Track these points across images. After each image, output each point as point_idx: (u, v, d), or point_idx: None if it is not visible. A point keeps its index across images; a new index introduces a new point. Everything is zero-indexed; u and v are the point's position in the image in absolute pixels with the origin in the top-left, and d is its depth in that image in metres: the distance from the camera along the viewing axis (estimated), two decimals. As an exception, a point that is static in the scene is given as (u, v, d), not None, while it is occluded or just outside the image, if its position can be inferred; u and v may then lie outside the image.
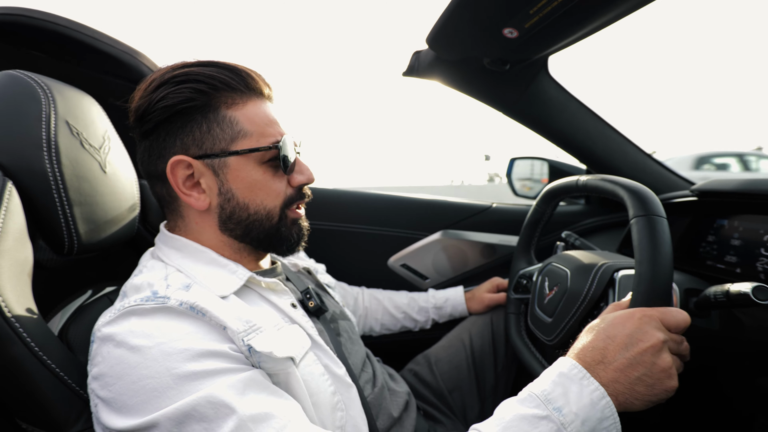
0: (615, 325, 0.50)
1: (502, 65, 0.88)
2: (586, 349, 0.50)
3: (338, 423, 0.57)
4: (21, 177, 0.58)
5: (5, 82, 0.62)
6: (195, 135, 0.58)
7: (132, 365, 0.44)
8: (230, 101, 0.59)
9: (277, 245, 0.66)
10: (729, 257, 0.87)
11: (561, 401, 0.46)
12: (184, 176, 0.59)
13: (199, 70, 0.58)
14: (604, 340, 0.49)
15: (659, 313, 0.51)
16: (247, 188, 0.60)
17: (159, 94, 0.57)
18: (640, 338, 0.48)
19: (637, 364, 0.47)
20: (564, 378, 0.47)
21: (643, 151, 1.18)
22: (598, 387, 0.46)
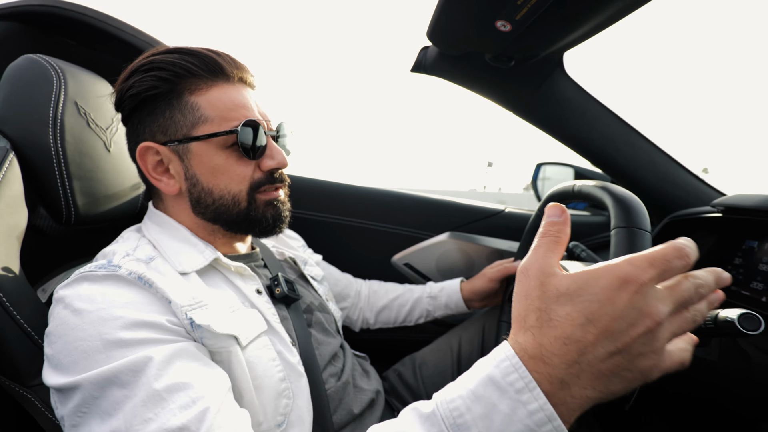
0: (599, 301, 0.31)
1: (506, 61, 0.84)
2: (550, 340, 0.32)
3: (282, 410, 0.57)
4: (26, 149, 0.65)
5: (24, 65, 0.69)
6: (160, 122, 0.61)
7: (71, 326, 0.47)
8: (193, 87, 0.60)
9: (248, 228, 0.66)
10: (756, 284, 0.77)
11: (476, 428, 0.32)
12: (154, 162, 0.62)
13: (164, 57, 0.60)
14: (583, 326, 0.31)
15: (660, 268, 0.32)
16: (210, 173, 0.61)
17: (129, 83, 0.60)
18: (633, 321, 0.31)
19: (621, 355, 0.31)
20: (492, 389, 0.32)
21: (675, 161, 1.07)
22: (544, 405, 0.31)
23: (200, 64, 0.60)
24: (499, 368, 0.33)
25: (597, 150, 1.06)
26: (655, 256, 0.32)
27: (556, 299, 0.33)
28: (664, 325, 0.32)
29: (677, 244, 0.32)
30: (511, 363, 0.33)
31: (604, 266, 0.33)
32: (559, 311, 0.32)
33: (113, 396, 0.43)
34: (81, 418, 0.44)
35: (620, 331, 0.31)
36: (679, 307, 0.33)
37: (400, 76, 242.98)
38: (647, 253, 0.32)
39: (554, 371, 0.32)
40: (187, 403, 0.43)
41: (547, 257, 0.35)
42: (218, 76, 0.61)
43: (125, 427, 0.42)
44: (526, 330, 0.34)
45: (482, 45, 0.80)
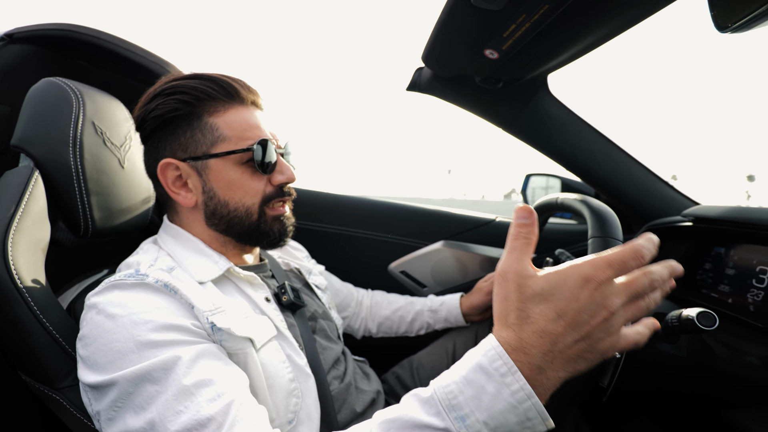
0: (566, 299, 0.38)
1: (495, 83, 0.91)
2: (528, 334, 0.38)
3: (292, 408, 0.62)
4: (48, 168, 0.69)
5: (45, 88, 0.73)
6: (181, 140, 0.66)
7: (106, 330, 0.51)
8: (212, 109, 0.66)
9: (257, 240, 0.71)
10: (723, 286, 0.84)
11: (468, 407, 0.38)
12: (174, 177, 0.67)
13: (185, 82, 0.66)
14: (555, 320, 0.38)
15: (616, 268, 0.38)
16: (227, 187, 0.67)
17: (152, 106, 0.66)
18: (593, 313, 0.38)
19: (585, 341, 0.38)
20: (480, 374, 0.38)
21: (652, 173, 1.15)
22: (524, 386, 0.37)
23: (218, 88, 0.66)
24: (486, 357, 0.39)
25: (580, 164, 1.13)
26: (613, 259, 0.39)
27: (532, 299, 0.39)
28: (618, 314, 0.39)
29: (635, 247, 0.39)
30: (496, 352, 0.39)
31: (570, 267, 0.39)
32: (535, 309, 0.39)
33: (146, 391, 0.48)
34: (116, 412, 0.49)
35: (583, 322, 0.38)
36: (633, 299, 0.40)
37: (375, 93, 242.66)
38: (607, 255, 0.39)
39: (533, 360, 0.38)
40: (213, 397, 0.48)
41: (522, 260, 0.41)
42: (234, 99, 0.67)
43: (159, 418, 0.46)
44: (507, 327, 0.40)
45: (472, 69, 0.87)
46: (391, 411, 0.43)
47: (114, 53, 0.93)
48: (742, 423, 0.64)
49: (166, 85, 0.66)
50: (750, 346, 0.67)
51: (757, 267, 0.76)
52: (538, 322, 0.39)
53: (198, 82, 0.66)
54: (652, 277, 0.40)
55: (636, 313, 0.40)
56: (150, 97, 0.67)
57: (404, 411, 0.41)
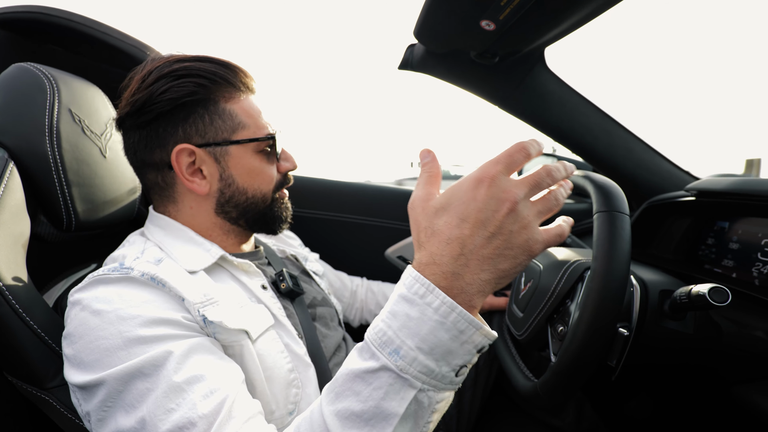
0: (465, 202, 0.38)
1: (491, 58, 0.88)
2: (436, 246, 0.38)
3: (292, 399, 0.60)
4: (24, 159, 0.65)
5: (16, 74, 0.69)
6: (198, 126, 0.63)
7: (91, 327, 0.49)
8: (227, 95, 0.65)
9: (269, 224, 0.72)
10: (726, 261, 0.82)
11: (398, 339, 0.37)
12: (187, 163, 0.64)
13: (200, 65, 0.63)
14: (459, 225, 0.37)
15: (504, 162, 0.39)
16: (247, 174, 0.67)
17: (160, 87, 0.61)
18: (495, 207, 0.37)
19: (496, 237, 0.37)
20: (403, 303, 0.38)
21: (651, 148, 1.13)
22: (444, 299, 0.36)
23: (233, 75, 0.65)
24: (405, 285, 0.39)
25: (577, 139, 1.11)
26: (500, 155, 0.40)
27: (435, 214, 0.40)
28: (523, 203, 0.38)
29: (520, 142, 0.40)
30: (413, 277, 0.39)
31: (464, 177, 0.41)
32: (439, 222, 0.39)
33: (136, 389, 0.46)
34: (106, 412, 0.47)
35: (488, 219, 0.38)
36: (535, 189, 0.40)
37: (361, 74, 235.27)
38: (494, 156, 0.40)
39: (445, 268, 0.38)
40: (206, 394, 0.46)
41: (425, 189, 0.43)
42: (245, 86, 0.67)
43: (150, 417, 0.44)
44: (420, 248, 0.40)
45: (467, 43, 0.83)
46: (341, 369, 0.42)
47: (88, 36, 0.88)
48: (749, 397, 0.64)
49: (175, 65, 0.62)
50: (756, 321, 0.66)
51: (762, 240, 0.74)
52: (443, 232, 0.38)
53: (213, 66, 0.63)
54: (547, 168, 0.41)
55: (546, 204, 0.41)
56: (155, 77, 0.61)
57: (344, 367, 0.41)
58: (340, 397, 0.39)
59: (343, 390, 0.39)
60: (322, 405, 0.40)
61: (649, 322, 0.63)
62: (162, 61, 0.64)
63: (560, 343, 0.66)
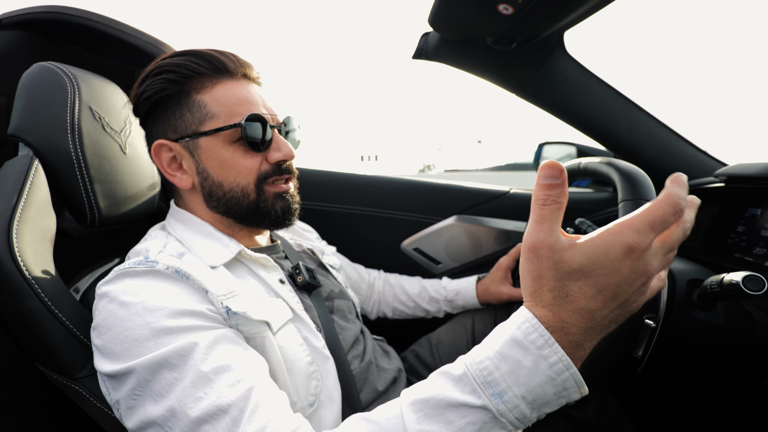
0: (608, 273, 0.35)
1: (508, 44, 0.85)
2: (568, 313, 0.36)
3: (312, 391, 0.60)
4: (48, 156, 0.67)
5: (37, 73, 0.70)
6: (171, 121, 0.64)
7: (119, 318, 0.50)
8: (200, 86, 0.63)
9: (258, 220, 0.68)
10: (758, 249, 0.79)
11: (505, 383, 0.36)
12: (168, 158, 0.66)
13: (171, 60, 0.63)
14: (594, 296, 0.35)
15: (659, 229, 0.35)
16: (219, 166, 0.64)
17: (142, 88, 0.64)
18: (633, 281, 0.36)
19: (621, 308, 0.37)
20: (516, 348, 0.36)
21: (676, 134, 1.09)
22: (563, 357, 0.35)
23: (204, 63, 0.63)
24: (520, 330, 0.37)
25: (597, 126, 1.08)
26: (655, 218, 0.35)
27: (569, 275, 0.36)
28: (654, 274, 0.37)
29: (673, 201, 0.35)
30: (531, 324, 0.37)
31: (612, 235, 0.35)
32: (573, 286, 0.36)
33: (165, 379, 0.47)
34: (135, 401, 0.48)
35: (622, 292, 0.36)
36: (667, 254, 0.38)
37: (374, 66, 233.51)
38: (648, 215, 0.35)
39: (573, 338, 0.36)
40: (233, 383, 0.47)
41: (554, 232, 0.36)
42: (222, 73, 0.64)
43: (179, 405, 0.45)
44: (543, 306, 0.37)
45: (484, 28, 0.81)
46: (420, 390, 0.41)
47: (106, 34, 0.89)
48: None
49: (154, 65, 0.64)
50: None
51: (797, 226, 0.71)
52: (577, 300, 0.36)
53: (183, 59, 0.63)
54: (685, 227, 0.38)
55: (665, 264, 0.38)
56: (141, 79, 0.64)
57: (436, 390, 0.39)
58: (430, 419, 0.38)
59: (434, 414, 0.38)
60: (406, 420, 0.39)
61: (677, 313, 0.61)
62: (153, 62, 0.66)
63: None
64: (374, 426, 0.41)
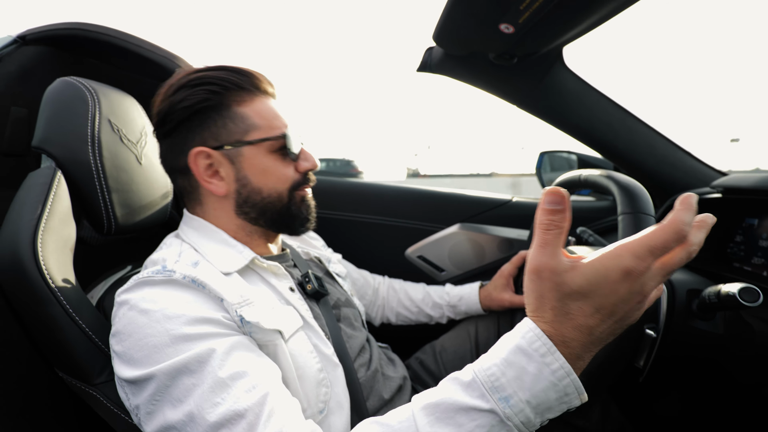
0: (606, 295, 0.38)
1: (509, 59, 0.88)
2: (568, 329, 0.39)
3: (322, 398, 0.62)
4: (69, 167, 0.70)
5: (61, 88, 0.73)
6: (212, 130, 0.67)
7: (139, 325, 0.52)
8: (239, 99, 0.67)
9: (288, 223, 0.74)
10: (757, 259, 0.81)
11: (511, 388, 0.39)
12: (205, 165, 0.68)
13: (212, 73, 0.67)
14: (592, 315, 0.38)
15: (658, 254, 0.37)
16: (260, 173, 0.68)
17: (178, 97, 0.66)
18: (630, 300, 0.38)
19: (618, 322, 0.39)
20: (521, 355, 0.39)
21: (674, 144, 1.11)
22: (564, 364, 0.38)
23: (245, 79, 0.68)
24: (525, 339, 0.40)
25: (598, 137, 1.10)
26: (656, 244, 0.36)
27: (570, 296, 0.39)
28: (650, 293, 0.39)
29: (676, 227, 0.36)
30: (535, 334, 0.40)
31: (610, 259, 0.38)
32: (573, 306, 0.39)
33: (183, 384, 0.49)
34: (155, 406, 0.50)
35: (619, 310, 0.39)
36: (667, 275, 0.39)
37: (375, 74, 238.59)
38: (649, 240, 0.36)
39: (573, 351, 0.39)
40: (248, 388, 0.49)
41: (555, 255, 0.39)
42: (258, 90, 0.70)
43: (197, 410, 0.47)
44: (544, 322, 0.40)
45: (486, 45, 0.84)
46: (431, 395, 0.43)
47: (123, 49, 0.93)
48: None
49: (190, 76, 0.67)
50: None
51: (794, 237, 0.73)
52: (577, 318, 0.39)
53: (225, 73, 0.67)
54: (690, 250, 0.38)
55: (664, 280, 0.39)
56: (174, 89, 0.66)
57: (446, 395, 0.42)
58: (441, 422, 0.40)
59: (445, 417, 0.40)
60: (418, 423, 0.41)
61: (677, 323, 0.63)
62: (182, 73, 0.69)
63: None
64: (387, 429, 0.43)
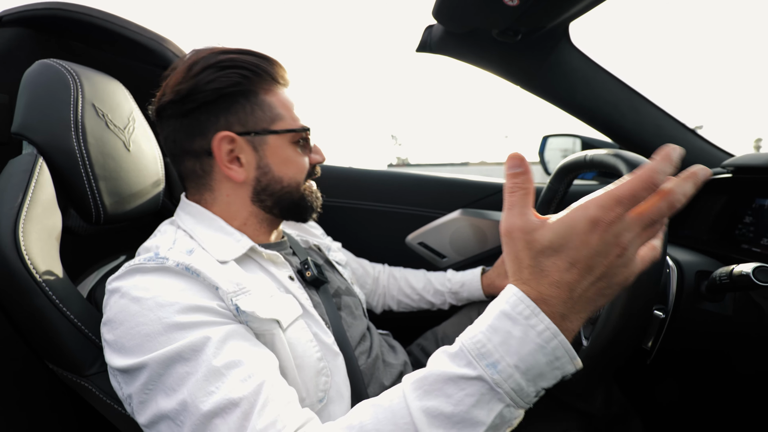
0: (576, 247, 0.37)
1: (513, 36, 0.84)
2: (545, 287, 0.38)
3: (322, 387, 0.61)
4: (52, 154, 0.67)
5: (40, 71, 0.70)
6: (239, 115, 0.65)
7: (131, 313, 0.50)
8: (266, 88, 0.67)
9: (302, 212, 0.75)
10: (766, 240, 0.79)
11: (497, 354, 0.37)
12: (227, 150, 0.66)
13: (243, 57, 0.65)
14: (568, 270, 0.37)
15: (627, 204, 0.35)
16: (283, 163, 0.69)
17: (205, 77, 0.63)
18: (606, 253, 0.37)
19: (602, 280, 0.38)
20: (505, 320, 0.38)
21: (682, 125, 1.08)
22: (549, 325, 0.37)
23: (272, 69, 0.68)
24: (508, 303, 0.39)
25: (604, 118, 1.07)
26: (622, 194, 0.35)
27: (542, 252, 0.38)
28: (632, 245, 0.37)
29: (646, 175, 0.35)
30: (518, 297, 0.39)
31: (577, 210, 0.37)
32: (546, 262, 0.38)
33: (177, 373, 0.47)
34: (147, 395, 0.48)
35: (597, 264, 0.37)
36: (647, 221, 0.37)
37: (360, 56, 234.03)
38: (615, 190, 0.36)
39: (555, 308, 0.38)
40: (244, 378, 0.47)
41: (524, 214, 0.39)
42: (282, 81, 0.70)
43: (191, 399, 0.45)
44: (523, 283, 0.39)
45: (489, 21, 0.80)
46: (420, 370, 0.42)
47: (108, 31, 0.88)
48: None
49: (220, 57, 0.64)
50: None
51: (807, 217, 0.71)
52: (552, 274, 0.38)
53: (255, 58, 0.66)
54: (671, 199, 0.36)
55: (651, 236, 0.38)
56: (200, 68, 0.63)
57: (434, 367, 0.41)
58: (430, 395, 0.39)
59: (433, 389, 0.39)
60: (408, 398, 0.40)
61: (686, 304, 0.61)
62: (207, 52, 0.65)
63: (591, 326, 0.64)
64: (379, 409, 0.42)
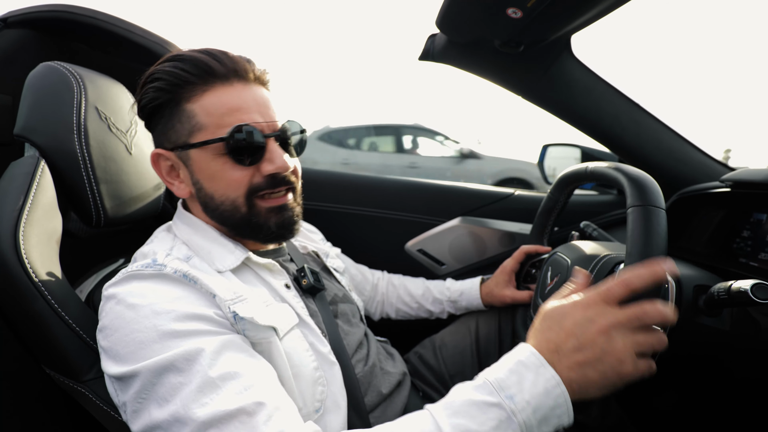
0: (563, 314, 0.50)
1: (515, 47, 0.85)
2: (542, 339, 0.50)
3: (318, 397, 0.60)
4: (54, 157, 0.67)
5: (44, 73, 0.70)
6: (165, 130, 0.63)
7: (126, 320, 0.50)
8: (189, 95, 0.60)
9: (252, 234, 0.66)
10: (764, 254, 0.79)
11: (514, 389, 0.46)
12: (167, 167, 0.65)
13: (161, 67, 0.61)
14: (556, 330, 0.49)
15: (599, 295, 0.49)
16: (209, 179, 0.62)
17: (139, 96, 0.64)
18: (586, 326, 0.47)
19: (586, 350, 0.47)
20: (521, 366, 0.47)
21: (682, 138, 1.08)
22: (554, 376, 0.46)
23: (193, 70, 0.59)
24: (523, 355, 0.49)
25: (604, 129, 1.07)
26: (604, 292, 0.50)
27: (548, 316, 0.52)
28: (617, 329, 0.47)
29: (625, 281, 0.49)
30: (531, 352, 0.48)
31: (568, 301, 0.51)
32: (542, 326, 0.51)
33: (170, 383, 0.47)
34: (141, 404, 0.48)
35: (581, 333, 0.47)
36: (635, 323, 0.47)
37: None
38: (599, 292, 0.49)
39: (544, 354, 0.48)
40: (240, 390, 0.47)
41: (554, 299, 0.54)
42: (212, 78, 0.60)
43: (183, 410, 0.45)
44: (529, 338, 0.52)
45: (492, 31, 0.81)
46: (444, 399, 0.49)
47: (112, 34, 0.89)
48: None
49: (150, 71, 0.62)
50: None
51: (804, 233, 0.71)
52: (545, 332, 0.50)
53: (171, 65, 0.60)
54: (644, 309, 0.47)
55: (641, 343, 0.47)
56: (141, 85, 0.63)
57: (459, 395, 0.48)
58: (459, 414, 0.46)
59: (462, 409, 0.46)
60: (437, 417, 0.46)
61: (684, 318, 0.61)
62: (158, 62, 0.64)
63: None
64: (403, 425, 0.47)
